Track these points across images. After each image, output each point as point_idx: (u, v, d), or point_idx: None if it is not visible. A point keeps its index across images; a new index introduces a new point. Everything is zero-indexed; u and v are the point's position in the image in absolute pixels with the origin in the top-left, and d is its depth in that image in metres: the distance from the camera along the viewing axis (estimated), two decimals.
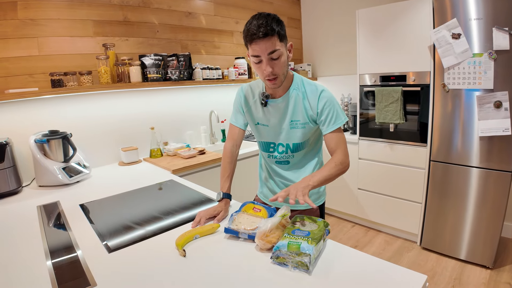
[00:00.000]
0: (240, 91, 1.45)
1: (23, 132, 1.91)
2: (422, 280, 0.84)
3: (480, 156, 2.20)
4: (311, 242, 0.96)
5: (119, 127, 2.36)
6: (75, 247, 1.13)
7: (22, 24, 1.90)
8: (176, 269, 0.96)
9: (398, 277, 0.87)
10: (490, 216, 2.22)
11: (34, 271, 0.99)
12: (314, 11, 3.74)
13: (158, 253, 1.06)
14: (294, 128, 1.33)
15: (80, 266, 1.00)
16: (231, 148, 1.45)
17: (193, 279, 0.90)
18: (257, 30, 1.11)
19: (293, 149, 1.37)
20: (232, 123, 1.47)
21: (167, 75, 2.36)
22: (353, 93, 3.29)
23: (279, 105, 1.34)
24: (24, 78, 1.94)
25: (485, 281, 2.17)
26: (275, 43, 1.14)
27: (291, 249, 0.94)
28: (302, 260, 0.92)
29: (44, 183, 1.87)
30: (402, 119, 2.52)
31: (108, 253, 1.06)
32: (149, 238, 1.16)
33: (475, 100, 2.15)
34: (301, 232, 1.03)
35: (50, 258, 1.06)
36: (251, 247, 1.07)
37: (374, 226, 3.03)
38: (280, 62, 1.18)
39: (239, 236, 1.12)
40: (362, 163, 2.89)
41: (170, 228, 1.24)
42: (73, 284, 0.91)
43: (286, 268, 0.93)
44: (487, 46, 2.05)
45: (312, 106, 1.29)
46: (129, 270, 0.97)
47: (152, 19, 2.45)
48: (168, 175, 1.98)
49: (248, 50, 1.20)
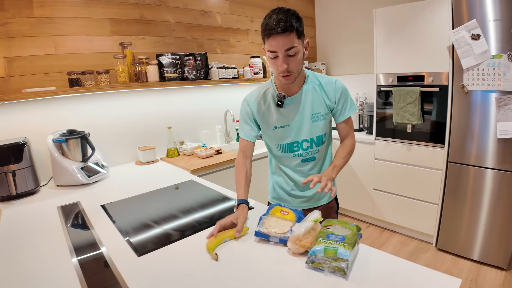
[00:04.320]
0: (245, 103, 1.41)
1: (40, 131, 1.91)
2: (457, 284, 0.83)
3: (497, 158, 2.17)
4: (347, 247, 0.94)
5: (136, 127, 2.35)
6: (99, 245, 1.13)
7: (38, 23, 1.89)
8: (208, 273, 0.94)
9: (433, 281, 0.86)
10: (506, 217, 2.19)
11: (60, 267, 1.00)
12: (328, 10, 3.71)
13: (188, 256, 1.05)
14: (316, 121, 1.35)
15: (106, 263, 1.01)
16: (242, 160, 1.42)
17: (227, 284, 0.89)
18: (276, 25, 1.10)
19: (318, 142, 1.38)
20: (242, 137, 1.44)
21: (184, 75, 2.35)
22: (368, 93, 3.27)
23: (297, 101, 1.33)
24: (40, 77, 1.93)
25: (500, 282, 2.15)
26: (293, 40, 1.14)
27: (328, 254, 0.92)
28: (339, 265, 0.90)
29: (62, 183, 1.87)
30: (420, 119, 2.49)
31: (138, 257, 1.04)
32: (178, 241, 1.15)
33: (494, 101, 2.12)
34: (335, 236, 1.01)
35: (75, 255, 1.06)
36: (283, 251, 1.05)
37: (389, 227, 3.01)
38: (296, 59, 1.18)
39: (269, 240, 1.10)
40: (378, 163, 2.86)
41: (198, 230, 1.22)
42: (99, 277, 0.94)
43: (322, 273, 0.92)
44: (506, 47, 2.02)
45: (330, 96, 1.34)
46: (159, 273, 0.96)
47: (168, 17, 2.44)
48: (188, 175, 1.97)
49: (265, 44, 1.19)
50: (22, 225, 1.36)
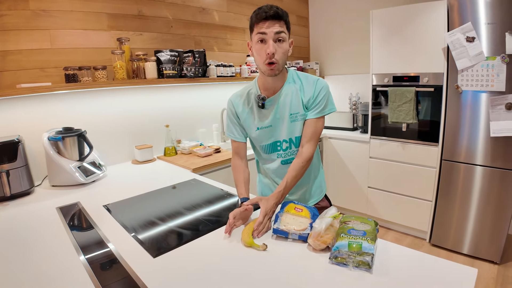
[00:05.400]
0: (230, 104, 1.43)
1: (35, 129, 1.83)
2: (474, 273, 0.86)
3: (492, 155, 2.25)
4: (370, 241, 0.96)
5: (132, 124, 2.29)
6: (106, 243, 1.10)
7: (34, 15, 1.81)
8: (233, 270, 0.93)
9: (451, 272, 0.88)
10: (498, 213, 2.28)
11: (68, 265, 0.98)
12: (322, 10, 3.74)
13: (210, 253, 1.03)
14: (294, 121, 1.35)
15: (115, 259, 1.00)
16: (238, 162, 1.43)
17: (257, 280, 0.88)
18: (269, 9, 1.16)
19: (296, 143, 1.38)
20: (233, 138, 1.44)
21: (183, 72, 2.31)
22: (362, 92, 3.31)
23: (277, 101, 1.34)
24: (35, 72, 1.85)
25: (494, 276, 2.23)
26: (283, 27, 1.19)
27: (352, 249, 0.93)
28: (363, 259, 0.91)
29: (58, 183, 1.79)
30: (415, 118, 2.54)
31: (153, 258, 1.01)
32: (195, 239, 1.12)
33: (487, 101, 2.20)
34: (356, 231, 1.01)
35: (83, 254, 1.03)
36: (303, 248, 1.05)
37: (384, 224, 3.06)
38: (283, 48, 1.21)
39: (288, 237, 1.10)
40: (373, 162, 2.91)
41: (212, 229, 1.19)
42: (111, 274, 0.92)
43: (346, 268, 0.92)
44: (500, 49, 2.10)
45: (308, 93, 1.32)
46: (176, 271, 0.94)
47: (166, 14, 2.39)
48: (189, 174, 1.94)
49: (252, 32, 1.22)
50: (22, 227, 1.29)
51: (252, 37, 1.24)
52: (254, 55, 1.26)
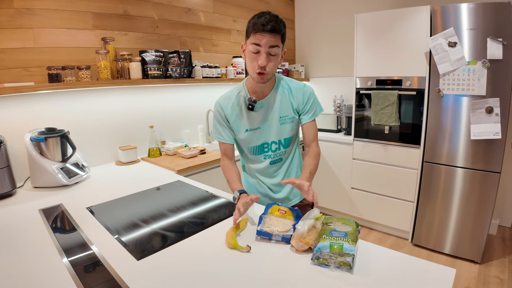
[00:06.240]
0: (218, 106, 1.44)
1: (17, 129, 1.79)
2: (452, 273, 0.89)
3: (472, 158, 2.32)
4: (351, 242, 0.98)
5: (116, 125, 2.26)
6: (89, 245, 1.10)
7: (18, 14, 1.77)
8: (215, 272, 0.94)
9: (430, 272, 0.92)
10: (478, 213, 2.34)
11: (51, 268, 0.97)
12: (308, 13, 3.77)
13: (192, 256, 1.03)
14: (284, 123, 1.42)
15: (99, 262, 0.99)
16: (228, 162, 1.47)
17: (239, 281, 0.89)
18: (267, 23, 1.18)
19: (285, 144, 1.45)
20: (221, 140, 1.46)
21: (168, 72, 2.30)
22: (346, 95, 3.37)
23: (267, 104, 1.39)
24: (18, 71, 1.81)
25: (475, 275, 2.29)
26: (278, 41, 1.23)
27: (334, 250, 0.95)
28: (344, 260, 0.93)
29: (40, 184, 1.76)
30: (397, 121, 2.60)
31: (137, 260, 1.00)
32: (179, 241, 1.12)
33: (468, 105, 2.26)
34: (338, 233, 1.04)
35: (66, 256, 1.02)
36: (286, 249, 1.07)
37: (366, 224, 3.11)
38: (274, 61, 1.26)
39: (271, 239, 1.11)
40: (356, 163, 2.95)
41: (197, 231, 1.20)
42: (94, 276, 0.92)
43: (328, 269, 0.94)
44: (481, 55, 2.17)
45: (298, 99, 1.41)
46: (161, 274, 0.94)
47: (152, 13, 2.38)
48: (174, 175, 1.93)
49: (249, 39, 1.24)
50: (4, 229, 1.27)
51: (247, 42, 1.27)
52: (246, 61, 1.29)
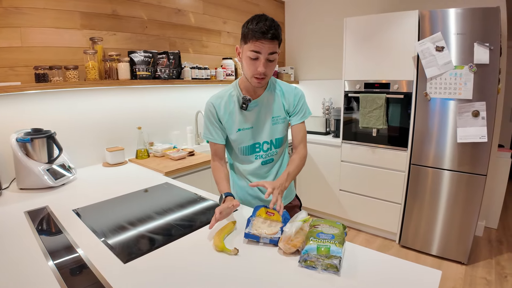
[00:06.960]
0: (210, 106, 1.43)
1: (3, 130, 1.76)
2: (438, 275, 0.91)
3: (459, 160, 2.36)
4: (338, 245, 0.99)
5: (104, 126, 2.24)
6: (75, 248, 1.08)
7: (6, 12, 1.74)
8: (202, 275, 0.94)
9: (416, 273, 0.94)
10: (465, 215, 2.39)
11: (36, 271, 0.96)
12: (298, 15, 3.79)
13: (179, 258, 1.03)
14: (276, 123, 1.44)
15: (84, 265, 0.98)
16: (218, 163, 1.46)
17: (224, 284, 0.89)
18: (267, 30, 1.18)
19: (276, 144, 1.47)
20: (212, 141, 1.45)
21: (157, 73, 2.29)
22: (335, 98, 3.40)
23: (260, 104, 1.41)
24: (4, 70, 1.77)
25: (462, 276, 2.33)
26: (276, 47, 1.24)
27: (321, 252, 0.96)
28: (331, 262, 0.94)
29: (26, 186, 1.73)
30: (385, 124, 2.63)
31: (124, 263, 1.00)
32: (167, 244, 1.12)
33: (455, 108, 2.31)
34: (325, 235, 1.04)
35: (51, 259, 1.01)
36: (274, 251, 1.07)
37: (354, 226, 3.14)
38: (272, 65, 1.28)
39: (259, 241, 1.12)
40: (344, 165, 2.98)
41: (184, 234, 1.20)
42: (80, 279, 0.90)
43: (315, 271, 0.95)
44: (468, 59, 2.21)
45: (289, 101, 1.44)
46: (148, 277, 0.93)
47: (141, 14, 2.36)
48: (161, 177, 1.92)
49: (246, 45, 1.24)
50: None
51: (244, 47, 1.26)
52: (244, 65, 1.30)
